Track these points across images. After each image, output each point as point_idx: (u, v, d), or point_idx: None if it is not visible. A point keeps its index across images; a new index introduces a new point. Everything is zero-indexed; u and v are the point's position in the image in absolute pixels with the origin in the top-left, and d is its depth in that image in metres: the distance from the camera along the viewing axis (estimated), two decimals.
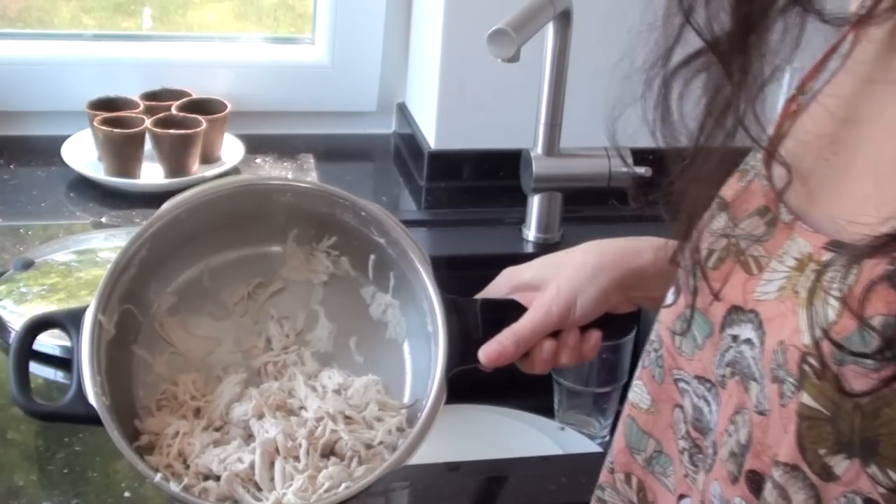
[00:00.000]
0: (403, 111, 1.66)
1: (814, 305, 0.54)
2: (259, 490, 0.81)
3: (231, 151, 1.55)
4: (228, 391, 0.87)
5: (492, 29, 1.15)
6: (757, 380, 0.59)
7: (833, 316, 0.53)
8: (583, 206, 1.43)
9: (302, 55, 1.68)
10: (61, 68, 1.58)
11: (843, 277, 0.53)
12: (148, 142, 1.47)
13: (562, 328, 0.89)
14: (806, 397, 0.54)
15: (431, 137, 1.55)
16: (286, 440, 0.83)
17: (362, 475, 0.81)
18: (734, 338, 0.61)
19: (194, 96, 1.55)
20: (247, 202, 0.91)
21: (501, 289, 0.92)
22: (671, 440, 0.69)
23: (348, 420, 0.85)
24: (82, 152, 1.50)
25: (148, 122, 1.46)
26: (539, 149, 1.36)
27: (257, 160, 1.58)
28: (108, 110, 1.49)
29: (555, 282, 0.89)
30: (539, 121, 1.35)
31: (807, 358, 0.54)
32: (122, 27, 1.70)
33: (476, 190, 1.54)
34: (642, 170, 1.33)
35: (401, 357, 0.91)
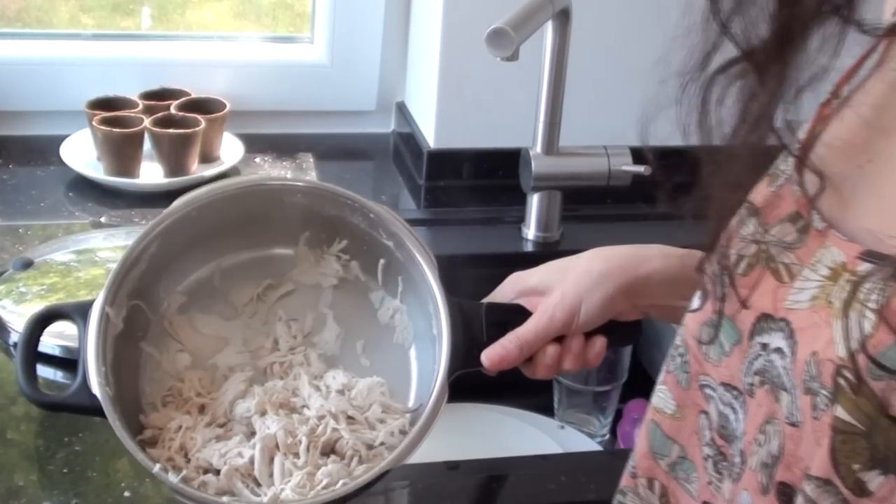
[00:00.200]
0: (402, 110, 1.66)
1: (849, 317, 0.53)
2: (258, 485, 0.81)
3: (230, 151, 1.54)
4: (233, 388, 0.87)
5: (491, 28, 1.15)
6: (788, 390, 0.57)
7: (869, 329, 0.52)
8: (582, 205, 1.44)
9: (301, 54, 1.68)
10: (60, 68, 1.58)
11: (882, 290, 0.52)
12: (147, 141, 1.47)
13: (566, 334, 0.88)
14: (840, 411, 0.53)
15: (431, 136, 1.55)
16: (287, 437, 0.83)
17: (361, 474, 0.81)
18: (764, 346, 0.60)
19: (193, 96, 1.55)
20: (258, 203, 0.91)
21: (508, 293, 0.92)
22: (695, 446, 0.68)
23: (350, 420, 0.85)
24: (81, 152, 1.50)
25: (147, 122, 1.46)
26: (538, 147, 1.36)
27: (256, 159, 1.58)
28: (107, 110, 1.49)
29: (560, 287, 0.88)
30: (538, 119, 1.35)
31: (842, 371, 0.53)
32: (121, 26, 1.70)
33: (475, 189, 1.54)
34: (642, 168, 1.33)
35: (407, 362, 0.91)
